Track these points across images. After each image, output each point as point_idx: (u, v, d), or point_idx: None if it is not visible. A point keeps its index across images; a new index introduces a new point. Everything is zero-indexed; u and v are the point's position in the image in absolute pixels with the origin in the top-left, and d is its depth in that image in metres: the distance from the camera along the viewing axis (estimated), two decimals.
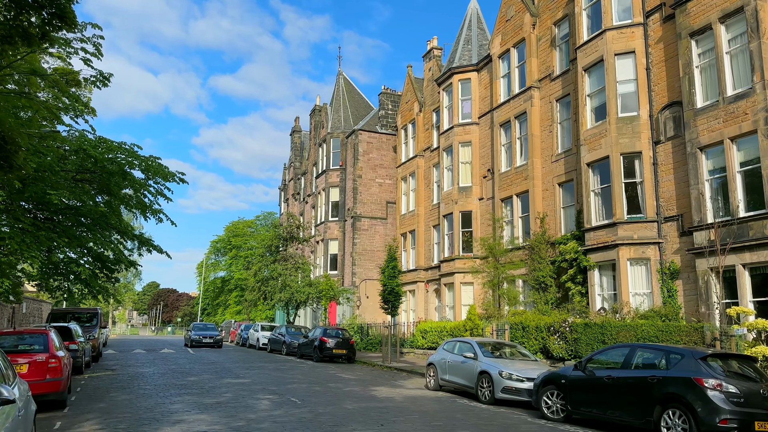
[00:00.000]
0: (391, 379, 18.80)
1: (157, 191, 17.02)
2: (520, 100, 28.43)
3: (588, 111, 23.67)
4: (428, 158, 37.93)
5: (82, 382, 16.05)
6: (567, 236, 24.46)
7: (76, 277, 16.93)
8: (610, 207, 22.16)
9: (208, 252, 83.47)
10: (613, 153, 21.91)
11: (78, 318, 24.89)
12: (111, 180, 15.85)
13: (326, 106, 49.41)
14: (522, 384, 12.92)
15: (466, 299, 31.37)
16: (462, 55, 33.51)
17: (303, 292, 35.49)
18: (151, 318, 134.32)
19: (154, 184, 17.09)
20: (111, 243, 16.60)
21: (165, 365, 22.24)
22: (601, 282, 22.44)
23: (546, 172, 26.80)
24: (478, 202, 31.88)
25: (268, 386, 15.49)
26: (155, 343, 45.49)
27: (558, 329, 18.53)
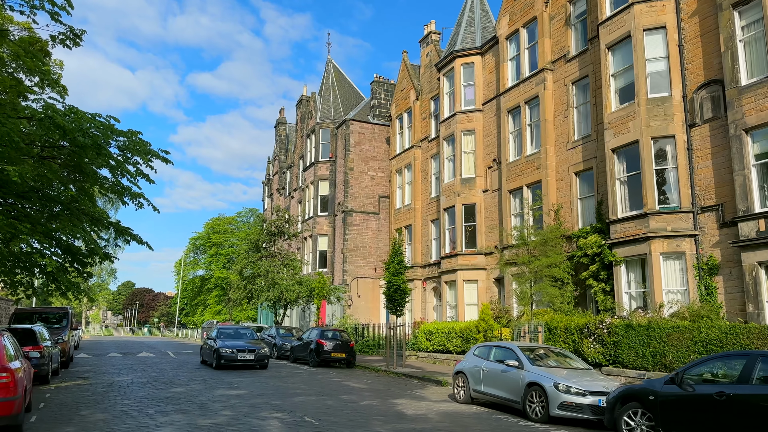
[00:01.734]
0: (406, 388, 16.56)
1: (137, 171, 14.55)
2: (531, 83, 26.39)
3: (612, 92, 21.70)
4: (426, 149, 35.78)
5: (48, 395, 13.55)
6: (586, 229, 22.47)
7: (41, 271, 14.39)
8: (638, 196, 20.21)
9: (186, 250, 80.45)
10: (643, 137, 19.95)
11: (46, 319, 22.24)
12: (83, 156, 13.39)
13: (314, 95, 47.00)
14: (584, 399, 10.79)
15: (470, 298, 29.30)
16: (464, 38, 31.41)
17: (293, 290, 33.08)
18: (126, 318, 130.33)
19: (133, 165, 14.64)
20: (83, 231, 14.12)
21: (145, 372, 19.75)
22: (629, 279, 20.47)
23: (561, 160, 24.80)
24: (482, 195, 29.82)
25: (271, 400, 13.16)
26: (132, 345, 42.66)
27: (594, 331, 16.45)
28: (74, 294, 16.16)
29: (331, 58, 47.88)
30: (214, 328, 24.71)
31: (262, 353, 21.88)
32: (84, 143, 12.79)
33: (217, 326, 25.48)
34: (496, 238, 28.48)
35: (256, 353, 21.69)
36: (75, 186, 15.14)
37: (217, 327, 24.55)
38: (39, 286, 16.65)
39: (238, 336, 23.27)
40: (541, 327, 16.48)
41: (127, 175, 14.32)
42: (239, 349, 21.52)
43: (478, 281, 29.11)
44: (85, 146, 12.79)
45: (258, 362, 21.63)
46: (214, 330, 23.88)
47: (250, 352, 21.49)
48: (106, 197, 15.38)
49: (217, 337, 22.60)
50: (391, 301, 22.25)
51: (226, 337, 22.74)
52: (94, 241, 15.53)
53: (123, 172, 14.31)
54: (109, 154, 13.23)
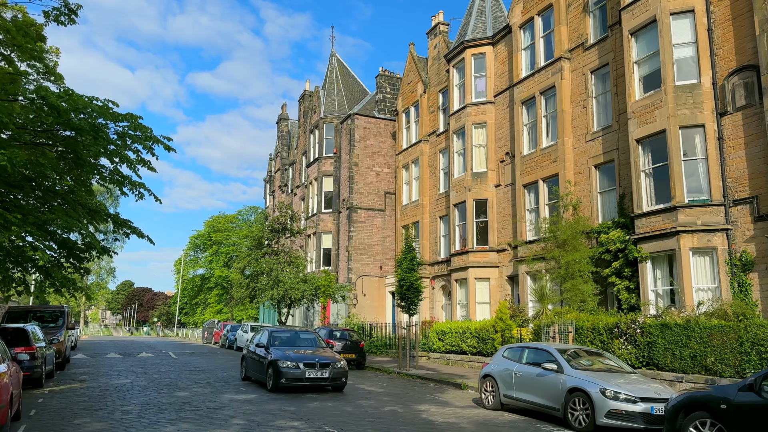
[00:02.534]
0: (424, 392, 15.48)
1: (138, 159, 13.49)
2: (547, 73, 25.34)
3: (636, 80, 20.66)
4: (434, 143, 34.72)
5: (40, 401, 12.48)
6: (608, 224, 21.42)
7: (33, 265, 13.32)
8: (665, 189, 19.18)
9: (186, 248, 79.33)
10: (671, 126, 18.91)
11: (41, 318, 21.15)
12: (79, 141, 12.34)
13: (318, 90, 45.91)
14: (635, 406, 9.73)
15: (482, 296, 28.27)
16: (475, 28, 30.35)
17: (297, 288, 31.98)
18: (125, 318, 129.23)
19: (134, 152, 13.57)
20: (79, 224, 13.05)
21: (145, 374, 18.68)
22: (655, 276, 19.43)
23: (579, 152, 23.75)
24: (494, 189, 28.78)
25: (284, 405, 12.11)
26: (131, 345, 41.57)
27: (625, 331, 15.40)
28: (70, 291, 15.12)
29: (334, 52, 46.82)
30: (261, 330, 18.21)
31: (339, 369, 15.12)
32: (80, 126, 11.74)
33: (265, 328, 18.77)
34: (509, 234, 27.48)
35: (332, 369, 14.96)
36: (71, 175, 14.07)
37: (265, 329, 17.88)
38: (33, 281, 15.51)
39: (299, 342, 16.99)
40: (571, 327, 15.41)
41: (126, 162, 13.24)
42: (307, 362, 14.92)
43: (491, 279, 28.07)
44: (81, 129, 11.74)
45: (334, 382, 15.08)
46: (261, 333, 17.72)
47: (322, 368, 14.87)
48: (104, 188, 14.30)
49: (270, 344, 16.21)
50: (403, 300, 21.18)
51: (282, 343, 16.50)
52: (92, 235, 14.47)
53: (122, 159, 13.23)
54: (107, 137, 12.18)
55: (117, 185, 14.07)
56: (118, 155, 13.18)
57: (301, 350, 16.06)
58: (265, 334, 17.15)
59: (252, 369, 16.87)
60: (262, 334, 17.38)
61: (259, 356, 16.25)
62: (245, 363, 17.64)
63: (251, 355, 17.02)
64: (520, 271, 25.55)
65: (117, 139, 12.87)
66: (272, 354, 15.40)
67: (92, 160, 12.98)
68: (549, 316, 18.24)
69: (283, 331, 17.94)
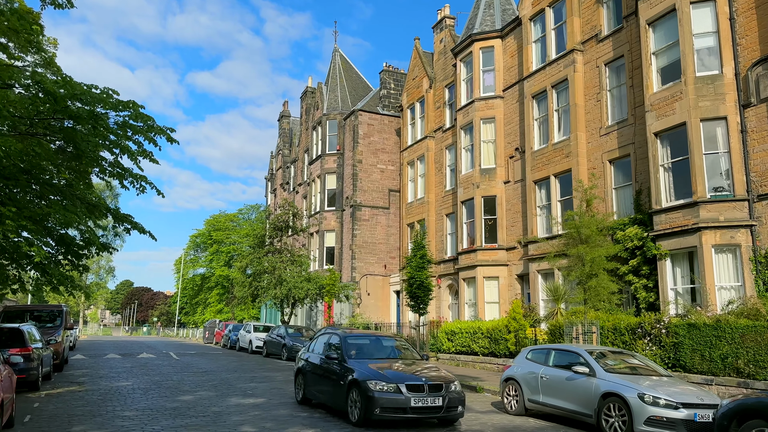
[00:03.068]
0: None
1: (139, 151, 12.79)
2: (558, 66, 24.64)
3: (654, 72, 19.98)
4: (440, 139, 34.03)
5: (36, 405, 11.79)
6: (623, 221, 20.73)
7: (29, 262, 12.61)
8: (685, 184, 18.50)
9: (186, 247, 78.60)
10: (691, 119, 18.22)
11: (38, 317, 20.43)
12: (78, 131, 11.65)
13: (320, 86, 45.19)
14: (676, 413, 9.02)
15: (491, 296, 27.59)
16: (483, 21, 29.66)
17: (301, 288, 31.30)
18: (124, 317, 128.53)
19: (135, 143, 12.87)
20: (77, 218, 12.33)
21: (146, 376, 17.98)
22: (675, 274, 18.75)
23: (593, 147, 23.07)
24: (503, 186, 28.10)
25: (296, 411, 11.42)
26: (131, 345, 40.85)
27: (650, 331, 14.71)
28: (68, 289, 14.42)
29: (337, 47, 46.11)
30: (322, 332, 14.10)
31: (455, 394, 10.59)
32: (78, 114, 11.04)
33: (335, 331, 13.67)
34: (519, 232, 26.81)
35: (446, 394, 10.45)
36: (69, 168, 13.37)
37: (333, 332, 13.36)
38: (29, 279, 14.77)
39: (383, 352, 12.35)
40: (594, 327, 14.71)
41: (127, 153, 12.54)
42: (411, 384, 10.34)
43: (500, 278, 27.39)
44: (80, 117, 11.04)
45: (449, 412, 10.53)
46: (325, 337, 13.28)
47: (433, 392, 10.36)
48: (105, 182, 13.59)
49: (346, 353, 11.65)
50: (413, 299, 20.49)
51: (362, 353, 11.90)
52: (91, 230, 13.78)
53: (123, 150, 12.52)
54: (107, 126, 11.49)
55: (117, 178, 13.38)
56: (119, 146, 12.49)
57: (390, 363, 11.44)
58: (334, 337, 12.61)
59: (317, 388, 12.23)
60: (329, 337, 12.87)
61: (328, 371, 11.75)
62: (303, 379, 12.87)
63: (314, 369, 12.48)
64: (531, 270, 24.88)
65: (117, 129, 12.17)
66: (354, 369, 10.80)
67: (91, 151, 12.26)
68: (566, 316, 17.55)
69: (360, 336, 13.15)
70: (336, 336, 12.67)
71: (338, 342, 12.24)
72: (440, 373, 11.06)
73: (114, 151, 12.80)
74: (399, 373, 10.72)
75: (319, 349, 12.92)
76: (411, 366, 11.37)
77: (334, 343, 12.34)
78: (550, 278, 23.82)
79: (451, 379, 10.81)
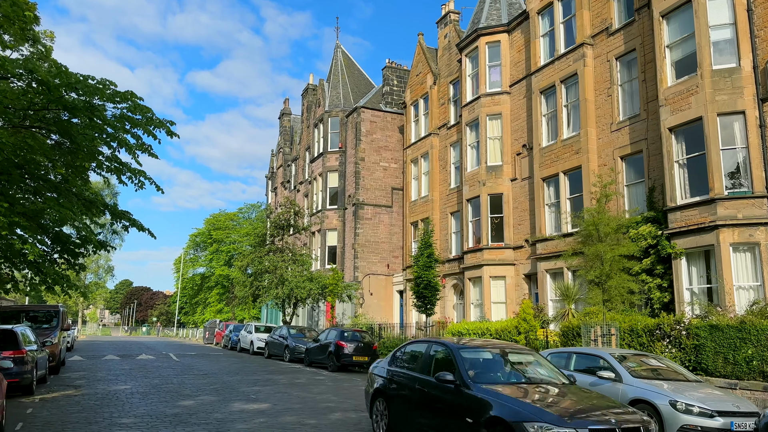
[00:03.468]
0: None
1: (137, 145, 12.20)
2: (568, 60, 24.06)
3: (668, 65, 19.40)
4: (444, 136, 33.43)
5: (29, 411, 11.20)
6: (636, 219, 20.14)
7: (22, 260, 12.00)
8: (700, 180, 17.93)
9: (186, 247, 78.02)
10: (708, 113, 17.65)
11: (34, 318, 19.82)
12: (73, 123, 11.06)
13: (322, 83, 44.60)
14: (712, 421, 8.44)
15: (497, 296, 27.01)
16: (489, 15, 29.08)
17: (303, 287, 30.71)
18: (123, 317, 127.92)
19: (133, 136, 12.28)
20: (72, 214, 11.73)
21: (145, 379, 17.40)
22: (690, 273, 18.17)
23: (604, 143, 22.49)
24: (510, 184, 27.52)
25: (303, 417, 10.83)
26: (130, 346, 40.26)
27: (669, 333, 14.14)
28: (63, 288, 13.83)
29: (339, 44, 45.53)
30: (414, 342, 10.33)
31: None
32: (73, 104, 10.45)
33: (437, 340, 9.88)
34: (526, 230, 26.24)
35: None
36: (64, 161, 12.78)
37: (434, 341, 9.73)
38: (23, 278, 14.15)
39: (515, 371, 8.87)
40: (614, 329, 14.11)
41: (125, 147, 11.95)
42: (599, 431, 6.84)
43: (506, 278, 26.83)
44: (75, 108, 10.45)
45: None
46: (418, 344, 10.02)
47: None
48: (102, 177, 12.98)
49: (464, 374, 8.13)
50: (420, 299, 19.89)
51: (487, 373, 8.60)
52: (87, 227, 13.19)
53: (121, 143, 11.93)
54: (104, 118, 10.90)
55: (115, 173, 12.80)
56: (117, 139, 11.90)
57: (535, 390, 7.98)
58: (436, 348, 9.10)
59: (416, 421, 8.63)
60: (428, 348, 9.30)
61: (437, 399, 8.25)
62: (388, 406, 9.34)
63: (408, 393, 8.96)
64: (540, 269, 24.32)
65: (115, 122, 11.58)
66: (490, 402, 7.32)
67: (88, 144, 11.68)
68: (579, 317, 16.98)
69: (478, 348, 9.12)
70: (442, 347, 8.88)
71: (448, 355, 8.47)
72: (626, 411, 7.39)
73: (111, 145, 12.24)
74: (567, 409, 7.12)
75: (412, 363, 9.33)
76: (571, 396, 7.71)
77: (442, 357, 8.61)
78: (560, 278, 23.27)
79: (647, 422, 7.18)
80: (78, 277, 71.64)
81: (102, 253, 59.90)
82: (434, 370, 8.57)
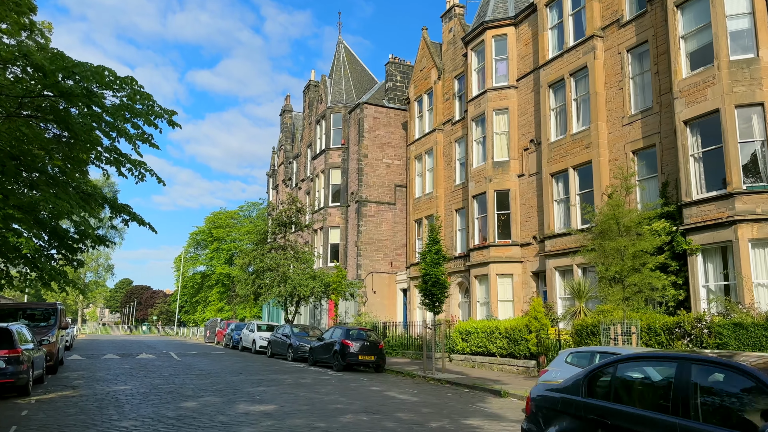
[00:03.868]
0: (463, 401, 13.64)
1: (137, 135, 11.67)
2: (577, 53, 23.53)
3: (683, 56, 18.87)
4: (449, 132, 32.89)
5: (24, 413, 10.67)
6: (649, 214, 19.57)
7: (16, 255, 11.42)
8: (717, 175, 17.43)
9: (186, 245, 77.50)
10: (725, 105, 17.13)
11: (31, 316, 19.29)
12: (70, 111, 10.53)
13: (324, 79, 44.06)
14: None
15: (504, 294, 26.49)
16: (496, 8, 28.54)
17: (306, 285, 30.18)
18: (123, 316, 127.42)
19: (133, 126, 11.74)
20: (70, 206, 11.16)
21: (146, 379, 16.88)
22: (706, 270, 17.65)
23: (615, 137, 21.97)
24: (517, 180, 26.99)
25: (312, 420, 10.31)
26: (130, 345, 39.74)
27: (690, 331, 13.63)
28: (60, 285, 13.30)
29: (342, 39, 44.96)
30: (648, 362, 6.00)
31: None
32: (70, 90, 9.91)
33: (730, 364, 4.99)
34: (534, 227, 25.73)
35: None
36: (62, 154, 12.25)
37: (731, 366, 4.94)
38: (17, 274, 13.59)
39: None
40: (634, 327, 13.59)
41: (125, 137, 11.41)
42: None
43: (514, 275, 26.30)
44: (72, 94, 9.90)
45: None
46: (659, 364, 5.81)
47: None
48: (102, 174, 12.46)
49: None
50: (428, 297, 19.35)
51: None
52: (86, 221, 12.67)
53: (120, 132, 11.39)
54: (102, 106, 10.35)
55: (115, 165, 12.26)
56: (116, 129, 11.34)
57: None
58: (722, 374, 5.10)
59: None
60: (681, 370, 5.22)
61: None
62: None
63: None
64: (548, 266, 23.80)
65: (115, 110, 11.04)
66: None
67: (86, 133, 11.15)
68: (593, 315, 16.47)
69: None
70: (728, 371, 4.96)
71: None
72: None
73: (111, 135, 11.68)
74: None
75: (642, 398, 5.72)
76: None
77: (728, 391, 4.99)
78: (569, 275, 22.76)
79: None
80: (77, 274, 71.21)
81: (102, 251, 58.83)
82: (717, 413, 4.89)
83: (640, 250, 13.32)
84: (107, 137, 11.49)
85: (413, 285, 34.20)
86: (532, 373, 18.93)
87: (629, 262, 12.99)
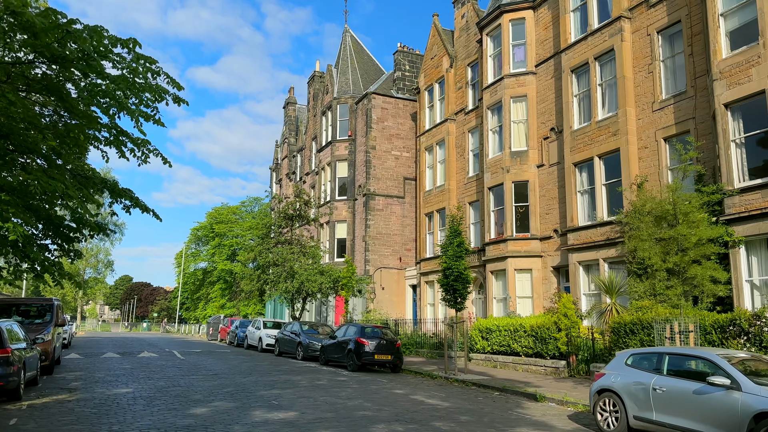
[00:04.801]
0: (498, 406, 12.40)
1: (139, 111, 10.41)
2: (603, 35, 22.28)
3: (722, 36, 17.61)
4: (461, 122, 31.63)
5: (12, 422, 9.44)
6: (685, 205, 18.36)
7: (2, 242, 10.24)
8: (762, 161, 16.20)
9: (187, 241, 76.30)
10: None
11: (26, 312, 18.08)
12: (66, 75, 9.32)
13: (330, 69, 42.77)
14: None
15: (523, 290, 25.27)
16: None
17: (314, 281, 28.95)
18: (123, 313, 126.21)
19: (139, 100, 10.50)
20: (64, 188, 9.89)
21: (149, 380, 15.66)
22: (750, 263, 16.42)
23: (645, 124, 20.73)
24: (536, 170, 25.76)
25: (340, 428, 9.07)
26: (131, 343, 38.53)
27: (747, 329, 12.41)
28: (54, 277, 12.09)
29: (348, 28, 43.66)
30: None
31: None
32: (65, 55, 8.67)
33: None
34: (555, 220, 24.51)
35: None
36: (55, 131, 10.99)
37: None
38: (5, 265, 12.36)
39: None
40: (693, 325, 12.35)
41: (126, 111, 10.17)
42: None
43: (533, 270, 25.09)
44: (67, 58, 8.66)
45: None
46: None
47: None
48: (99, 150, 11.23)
49: None
50: (450, 292, 18.12)
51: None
52: (83, 204, 11.45)
53: (121, 107, 10.15)
54: (101, 72, 9.10)
55: (115, 145, 11.01)
56: (117, 102, 10.08)
57: None
58: None
59: None
60: None
61: None
62: None
63: None
64: (571, 261, 22.57)
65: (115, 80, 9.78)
66: None
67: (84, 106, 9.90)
68: (630, 311, 15.25)
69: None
70: None
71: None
72: None
73: (109, 112, 10.42)
74: None
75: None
76: None
77: None
78: (594, 270, 21.56)
79: None
80: (76, 269, 69.93)
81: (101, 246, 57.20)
82: None
83: (701, 239, 12.06)
84: (105, 113, 10.24)
85: (423, 281, 32.98)
86: (561, 374, 17.70)
87: (692, 252, 11.74)
